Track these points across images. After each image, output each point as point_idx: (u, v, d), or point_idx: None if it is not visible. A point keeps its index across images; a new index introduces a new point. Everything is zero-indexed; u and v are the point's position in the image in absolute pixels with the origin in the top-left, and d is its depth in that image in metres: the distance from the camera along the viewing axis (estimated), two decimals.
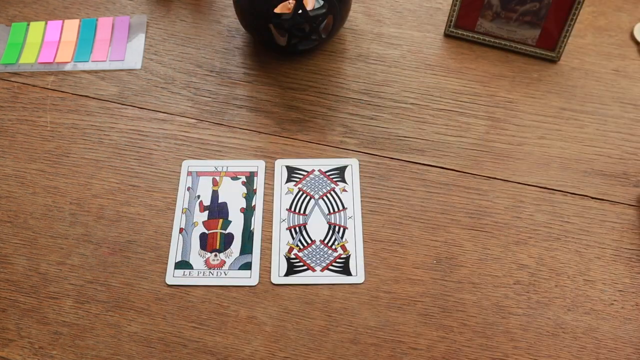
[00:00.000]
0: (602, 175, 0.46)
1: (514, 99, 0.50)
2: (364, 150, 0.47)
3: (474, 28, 0.53)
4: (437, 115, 0.49)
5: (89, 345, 0.39)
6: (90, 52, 0.53)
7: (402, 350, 0.39)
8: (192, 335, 0.40)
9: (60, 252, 0.43)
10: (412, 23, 0.55)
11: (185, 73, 0.52)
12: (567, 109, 0.50)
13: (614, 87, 0.51)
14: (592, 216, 0.44)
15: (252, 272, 0.42)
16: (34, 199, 0.45)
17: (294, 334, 0.40)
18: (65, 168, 0.47)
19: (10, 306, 0.41)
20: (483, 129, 0.49)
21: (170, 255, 0.43)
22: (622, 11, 0.56)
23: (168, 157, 0.47)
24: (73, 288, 0.42)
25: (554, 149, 0.48)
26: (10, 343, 0.40)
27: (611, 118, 0.49)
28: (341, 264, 0.42)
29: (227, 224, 0.44)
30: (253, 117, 0.49)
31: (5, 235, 0.44)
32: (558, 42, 0.51)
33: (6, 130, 0.49)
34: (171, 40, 0.54)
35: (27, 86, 0.51)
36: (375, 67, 0.52)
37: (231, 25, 0.55)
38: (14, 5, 0.57)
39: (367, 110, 0.50)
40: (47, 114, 0.50)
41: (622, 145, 0.48)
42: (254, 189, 0.46)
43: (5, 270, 0.42)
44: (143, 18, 0.55)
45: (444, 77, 0.52)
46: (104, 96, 0.51)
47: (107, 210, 0.45)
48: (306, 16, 0.47)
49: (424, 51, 0.53)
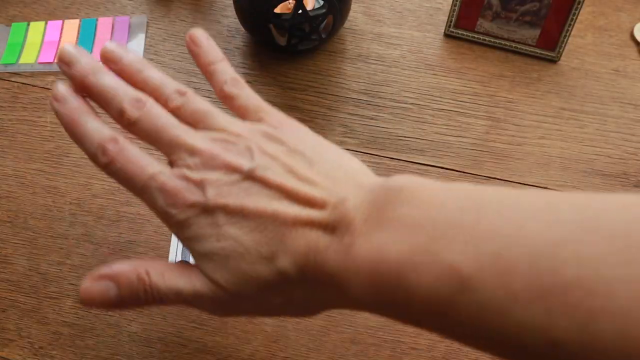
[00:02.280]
0: (602, 175, 0.46)
1: (514, 99, 0.50)
2: (364, 150, 0.47)
3: (474, 28, 0.53)
4: (437, 115, 0.49)
5: (89, 345, 0.39)
6: (91, 52, 0.53)
7: (402, 350, 0.39)
8: (192, 335, 0.40)
9: (60, 252, 0.43)
10: (412, 23, 0.55)
11: (185, 73, 0.52)
12: (567, 109, 0.50)
13: (614, 87, 0.51)
14: None
15: None
16: (34, 199, 0.45)
17: (294, 334, 0.40)
18: (65, 168, 0.47)
19: (10, 306, 0.41)
20: (483, 129, 0.49)
21: (170, 255, 0.43)
22: (622, 11, 0.56)
23: None
24: (73, 288, 0.42)
25: (554, 149, 0.48)
26: (10, 343, 0.40)
27: (611, 118, 0.49)
28: None
29: None
30: None
31: (5, 235, 0.44)
32: (558, 42, 0.51)
33: (6, 130, 0.49)
34: (171, 40, 0.54)
35: (27, 86, 0.51)
36: (375, 67, 0.52)
37: (231, 25, 0.55)
38: (14, 5, 0.57)
39: (367, 110, 0.50)
40: (47, 114, 0.50)
41: (622, 145, 0.48)
42: None
43: (5, 270, 0.42)
44: (143, 18, 0.55)
45: (444, 77, 0.52)
46: None
47: (107, 210, 0.45)
48: (306, 16, 0.47)
49: (424, 51, 0.53)
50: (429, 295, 0.21)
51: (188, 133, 0.27)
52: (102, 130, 0.27)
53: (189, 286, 0.26)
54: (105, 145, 0.26)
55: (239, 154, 0.26)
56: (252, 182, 0.26)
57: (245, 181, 0.26)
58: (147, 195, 0.26)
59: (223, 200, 0.25)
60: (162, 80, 0.29)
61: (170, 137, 0.27)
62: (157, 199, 0.26)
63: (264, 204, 0.25)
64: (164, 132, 0.27)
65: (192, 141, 0.27)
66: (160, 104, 0.28)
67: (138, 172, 0.26)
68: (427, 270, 0.21)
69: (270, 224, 0.25)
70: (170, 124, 0.27)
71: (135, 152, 0.27)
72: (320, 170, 0.26)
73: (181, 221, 0.26)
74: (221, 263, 0.25)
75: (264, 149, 0.26)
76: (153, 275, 0.27)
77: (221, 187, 0.25)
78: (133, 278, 0.27)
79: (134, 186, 0.27)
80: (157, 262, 0.27)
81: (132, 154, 0.27)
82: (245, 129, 0.28)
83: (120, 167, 0.26)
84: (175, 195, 0.26)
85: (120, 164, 0.26)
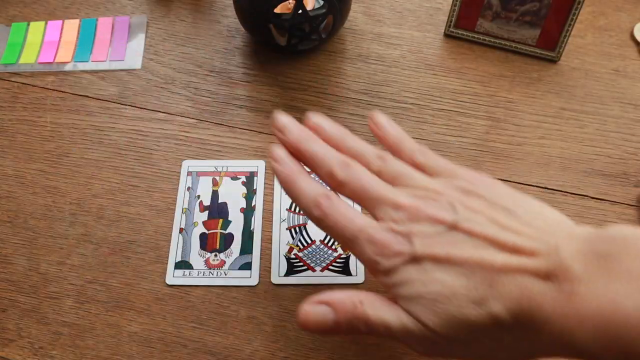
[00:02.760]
0: (602, 175, 0.46)
1: (514, 99, 0.50)
2: None
3: (474, 28, 0.53)
4: (437, 115, 0.49)
5: (89, 345, 0.39)
6: (90, 52, 0.53)
7: (402, 350, 0.39)
8: (192, 335, 0.40)
9: (60, 252, 0.43)
10: (412, 23, 0.55)
11: (185, 73, 0.52)
12: (567, 109, 0.50)
13: (614, 87, 0.51)
14: (592, 216, 0.44)
15: (252, 272, 0.42)
16: (34, 199, 0.45)
17: (294, 334, 0.40)
18: (65, 168, 0.47)
19: (10, 306, 0.41)
20: (483, 129, 0.49)
21: (170, 255, 0.43)
22: (622, 11, 0.56)
23: (168, 157, 0.47)
24: (73, 288, 0.42)
25: (554, 149, 0.48)
26: (10, 343, 0.40)
27: (611, 118, 0.49)
28: (341, 264, 0.42)
29: (227, 224, 0.44)
30: (253, 117, 0.49)
31: (5, 235, 0.44)
32: (558, 42, 0.51)
33: (6, 130, 0.49)
34: (171, 40, 0.54)
35: (27, 86, 0.51)
36: (375, 67, 0.52)
37: (231, 25, 0.55)
38: (14, 5, 0.57)
39: (367, 110, 0.50)
40: (47, 114, 0.50)
41: (622, 145, 0.48)
42: (254, 189, 0.46)
43: (5, 270, 0.42)
44: (143, 18, 0.55)
45: (444, 77, 0.52)
46: (104, 96, 0.51)
47: (107, 210, 0.45)
48: (306, 16, 0.47)
49: (424, 51, 0.53)
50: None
51: (391, 191, 0.30)
52: (316, 188, 0.31)
53: (397, 321, 0.28)
54: (319, 200, 0.30)
55: (441, 208, 0.28)
56: (456, 232, 0.27)
57: (449, 232, 0.27)
58: (356, 246, 0.29)
59: (430, 250, 0.27)
60: (364, 147, 0.33)
61: (376, 194, 0.30)
62: (366, 249, 0.28)
63: (470, 251, 0.27)
64: (370, 190, 0.30)
65: (396, 197, 0.29)
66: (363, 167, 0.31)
67: (348, 224, 0.29)
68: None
69: (478, 270, 0.26)
70: (375, 182, 0.30)
71: (345, 207, 0.30)
72: (524, 221, 0.27)
73: (389, 268, 0.28)
74: (428, 306, 0.27)
75: (465, 203, 0.28)
76: (366, 305, 0.29)
77: (427, 237, 0.28)
78: (349, 305, 0.29)
79: (344, 237, 0.29)
80: (370, 295, 0.29)
81: (342, 208, 0.30)
82: (443, 186, 0.30)
83: (332, 220, 0.30)
84: (383, 246, 0.28)
85: (332, 217, 0.30)
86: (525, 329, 0.25)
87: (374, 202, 0.30)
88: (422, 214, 0.28)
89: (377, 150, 0.32)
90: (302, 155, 0.33)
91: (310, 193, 0.30)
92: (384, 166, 0.31)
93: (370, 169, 0.31)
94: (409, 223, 0.28)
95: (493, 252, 0.26)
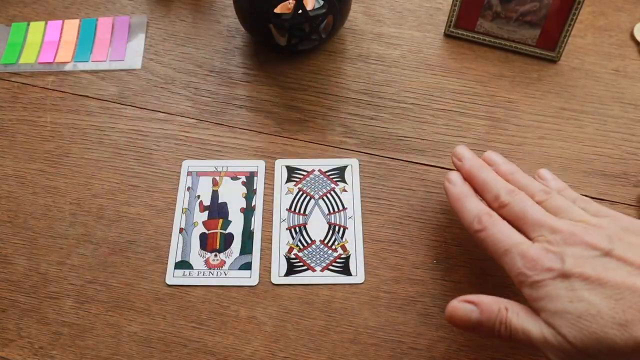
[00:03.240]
0: (602, 175, 0.46)
1: (514, 99, 0.50)
2: (364, 150, 0.47)
3: (474, 28, 0.53)
4: (437, 115, 0.49)
5: (89, 345, 0.39)
6: (90, 52, 0.53)
7: (402, 350, 0.39)
8: (192, 335, 0.40)
9: (60, 252, 0.43)
10: (412, 23, 0.55)
11: (185, 73, 0.52)
12: (567, 109, 0.50)
13: (614, 87, 0.51)
14: None
15: (252, 272, 0.42)
16: (34, 199, 0.45)
17: (294, 334, 0.40)
18: (65, 168, 0.47)
19: (10, 306, 0.41)
20: (483, 129, 0.49)
21: (170, 255, 0.43)
22: (622, 11, 0.56)
23: (168, 157, 0.47)
24: (73, 288, 0.42)
25: (554, 149, 0.48)
26: (10, 343, 0.40)
27: (611, 118, 0.49)
28: (341, 264, 0.42)
29: (227, 224, 0.44)
30: (253, 117, 0.49)
31: (5, 235, 0.44)
32: (558, 42, 0.51)
33: (6, 130, 0.49)
34: (171, 40, 0.54)
35: (27, 86, 0.51)
36: (375, 67, 0.52)
37: (231, 25, 0.55)
38: (14, 5, 0.57)
39: (367, 110, 0.50)
40: (47, 114, 0.50)
41: (622, 145, 0.48)
42: (254, 189, 0.46)
43: (5, 270, 0.42)
44: (143, 18, 0.55)
45: (444, 77, 0.52)
46: (104, 96, 0.51)
47: (107, 210, 0.45)
48: (306, 16, 0.47)
49: (424, 51, 0.53)
50: None
51: (550, 217, 0.32)
52: (480, 206, 0.35)
53: (538, 331, 0.30)
54: (482, 216, 0.34)
55: (598, 236, 0.30)
56: (610, 258, 0.29)
57: (603, 257, 0.29)
58: (508, 258, 0.32)
59: (580, 269, 0.29)
60: (530, 181, 0.36)
61: (535, 218, 0.32)
62: (517, 262, 0.31)
63: (622, 276, 0.28)
64: (530, 214, 0.33)
65: (554, 223, 0.32)
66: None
67: (504, 239, 0.32)
68: None
69: (628, 295, 0.28)
70: (536, 208, 0.33)
71: (504, 224, 0.33)
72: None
73: (537, 281, 0.30)
74: (572, 321, 0.28)
75: (623, 238, 0.30)
76: (510, 312, 0.31)
77: (579, 259, 0.30)
78: (494, 309, 0.31)
79: (498, 249, 0.32)
80: (515, 303, 0.32)
81: (501, 224, 0.33)
82: (603, 222, 0.32)
83: (490, 234, 0.33)
84: (534, 261, 0.31)
85: (490, 231, 0.33)
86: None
87: (532, 224, 0.32)
88: (578, 239, 0.30)
89: (542, 186, 0.35)
90: (474, 180, 0.37)
91: (474, 209, 0.35)
92: (547, 199, 0.34)
93: (534, 199, 0.34)
94: (564, 245, 0.30)
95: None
